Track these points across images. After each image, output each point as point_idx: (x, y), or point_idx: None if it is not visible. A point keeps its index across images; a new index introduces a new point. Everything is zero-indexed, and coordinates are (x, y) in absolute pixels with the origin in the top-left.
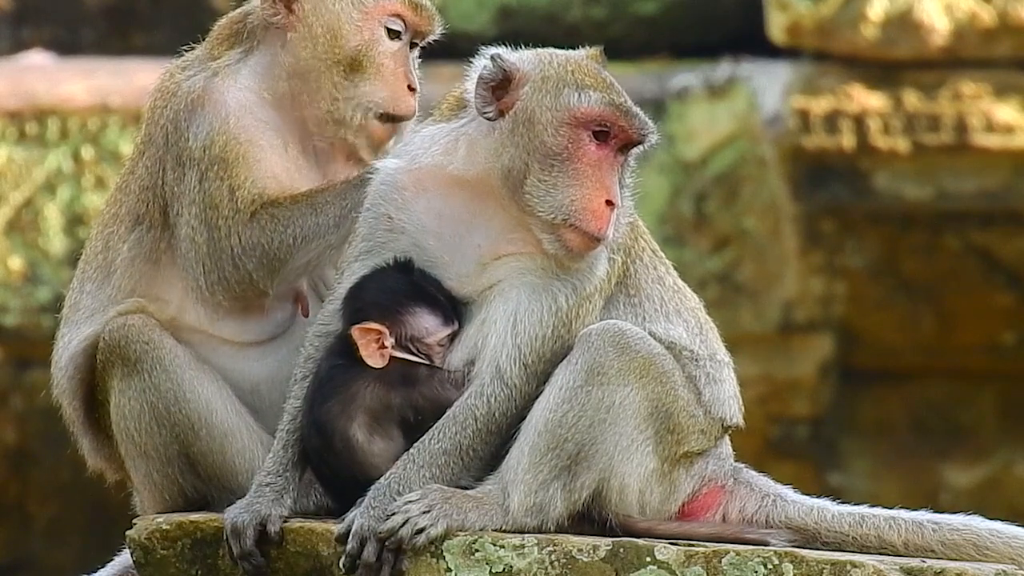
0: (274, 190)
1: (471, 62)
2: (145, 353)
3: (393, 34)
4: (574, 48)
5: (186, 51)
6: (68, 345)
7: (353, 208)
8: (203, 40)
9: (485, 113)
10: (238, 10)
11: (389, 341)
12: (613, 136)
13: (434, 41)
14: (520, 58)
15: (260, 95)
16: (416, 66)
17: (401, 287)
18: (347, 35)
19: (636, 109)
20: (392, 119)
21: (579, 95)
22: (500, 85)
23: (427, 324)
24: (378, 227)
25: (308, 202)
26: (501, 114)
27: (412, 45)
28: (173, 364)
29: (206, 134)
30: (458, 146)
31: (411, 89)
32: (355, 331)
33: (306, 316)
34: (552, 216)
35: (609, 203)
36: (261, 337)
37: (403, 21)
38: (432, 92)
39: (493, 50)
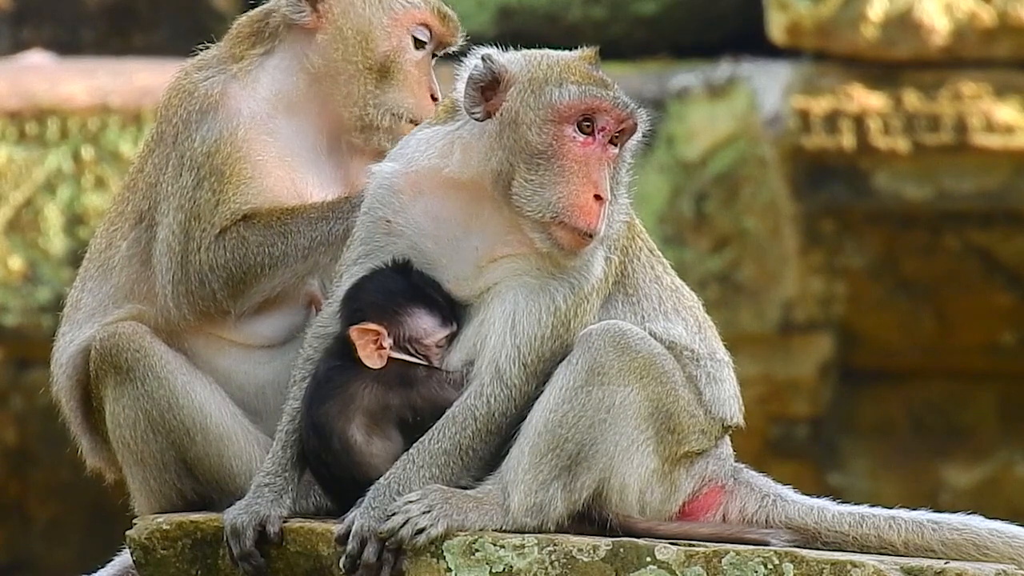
0: (261, 205)
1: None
2: (136, 361)
3: (419, 43)
4: (574, 48)
5: (200, 50)
6: (69, 345)
7: (324, 240)
8: (203, 40)
9: (473, 113)
10: (258, 9)
11: (387, 342)
12: (600, 128)
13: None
14: (510, 59)
15: (277, 100)
16: (434, 77)
17: (399, 288)
18: (377, 40)
19: (620, 96)
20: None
21: (560, 91)
22: (489, 86)
23: (425, 325)
24: (376, 231)
25: (280, 228)
26: (489, 115)
27: (432, 55)
28: (165, 370)
29: (213, 140)
30: (453, 149)
31: (434, 99)
32: (353, 332)
33: None
34: (540, 215)
35: (598, 198)
36: (274, 341)
37: (429, 31)
38: None
39: (484, 51)
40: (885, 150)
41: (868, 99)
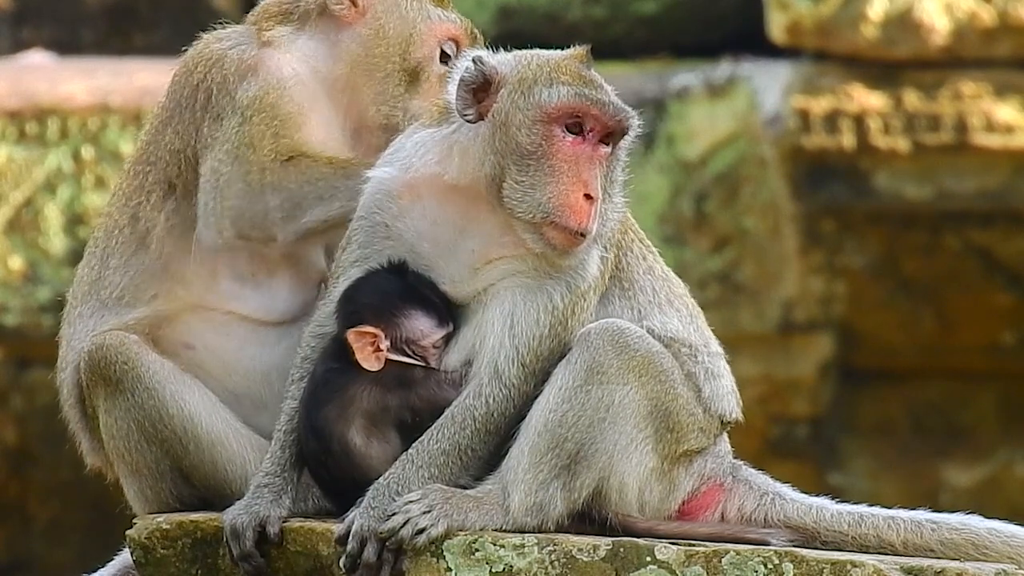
0: (313, 151)
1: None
2: (125, 373)
3: (445, 57)
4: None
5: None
6: (90, 332)
7: None
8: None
9: (465, 116)
10: None
11: (384, 344)
12: (589, 128)
13: None
14: (500, 61)
15: (314, 71)
16: None
17: (395, 289)
18: (415, 45)
19: (610, 97)
20: None
21: (549, 91)
22: (481, 88)
23: (422, 326)
24: (375, 235)
25: (343, 165)
26: (481, 117)
27: None
28: (153, 380)
29: (258, 89)
30: (452, 154)
31: None
32: (350, 335)
33: None
34: (531, 215)
35: (588, 197)
36: (285, 317)
37: (456, 48)
38: None
39: (475, 53)
40: (885, 150)
41: (868, 99)
